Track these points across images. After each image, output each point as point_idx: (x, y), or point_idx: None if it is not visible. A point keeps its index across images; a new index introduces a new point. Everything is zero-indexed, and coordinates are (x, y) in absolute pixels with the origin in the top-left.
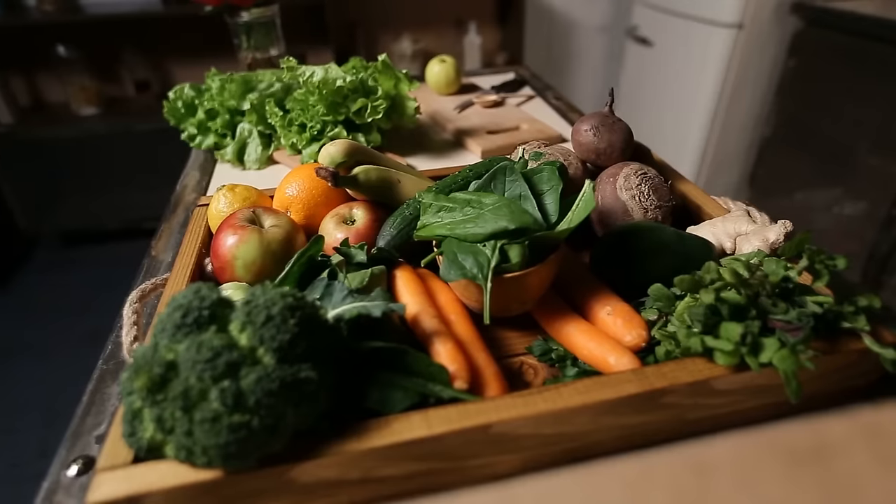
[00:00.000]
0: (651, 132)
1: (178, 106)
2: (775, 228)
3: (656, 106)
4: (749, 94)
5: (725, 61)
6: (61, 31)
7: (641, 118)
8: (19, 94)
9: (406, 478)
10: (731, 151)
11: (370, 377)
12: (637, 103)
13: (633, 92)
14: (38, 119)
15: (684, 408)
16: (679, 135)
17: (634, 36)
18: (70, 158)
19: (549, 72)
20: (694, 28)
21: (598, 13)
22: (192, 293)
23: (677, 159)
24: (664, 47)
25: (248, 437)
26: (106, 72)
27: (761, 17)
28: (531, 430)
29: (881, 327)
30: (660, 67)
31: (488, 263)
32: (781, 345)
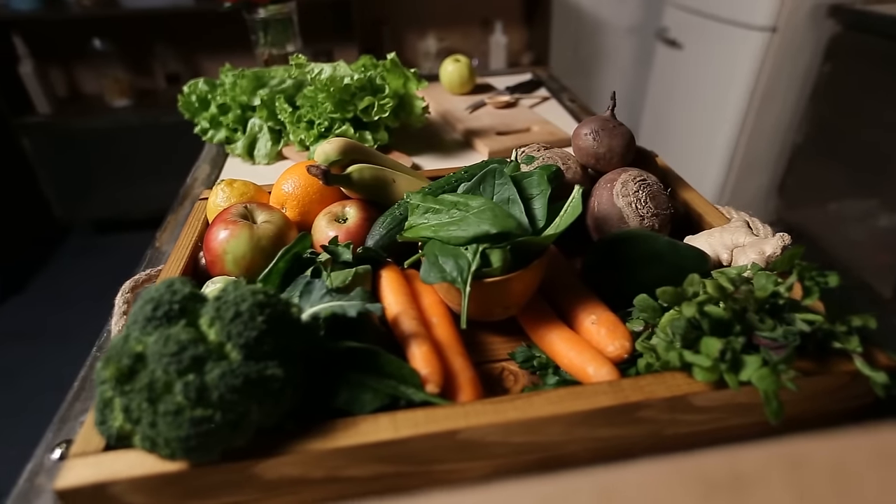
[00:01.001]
0: (678, 136)
1: (192, 100)
2: (772, 241)
3: (685, 110)
4: (781, 99)
5: (757, 65)
6: (98, 25)
7: (669, 122)
8: (57, 85)
9: (372, 479)
10: (760, 158)
11: (341, 377)
12: (665, 107)
13: (661, 95)
14: (74, 110)
15: (661, 423)
16: (707, 140)
17: (664, 38)
18: (102, 149)
19: (575, 73)
20: (725, 31)
21: (627, 14)
22: (164, 287)
23: (704, 164)
24: (694, 50)
25: (209, 431)
26: (139, 65)
27: (796, 20)
28: (500, 438)
29: (877, 349)
30: (689, 71)
31: (468, 267)
32: (764, 363)
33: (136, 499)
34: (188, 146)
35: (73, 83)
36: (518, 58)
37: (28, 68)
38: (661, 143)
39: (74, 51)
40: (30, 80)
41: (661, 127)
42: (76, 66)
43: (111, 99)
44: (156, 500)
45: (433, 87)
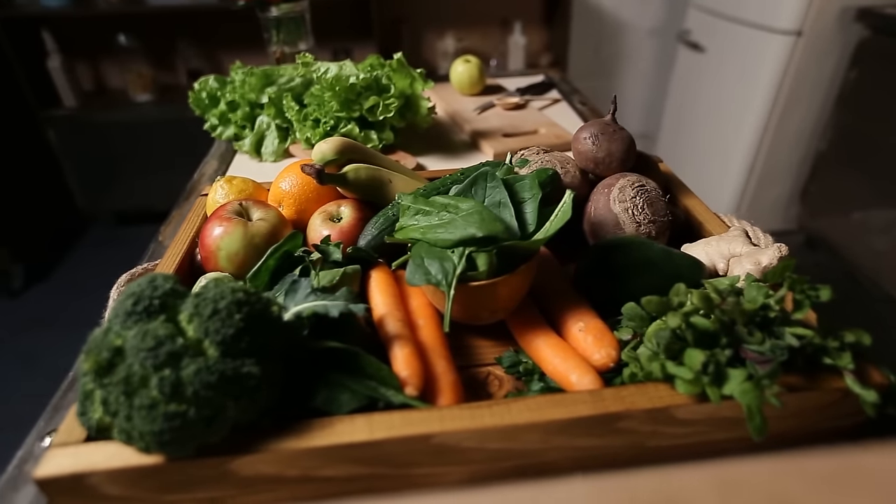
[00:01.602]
0: (699, 140)
1: (202, 97)
2: (768, 252)
3: (706, 114)
4: (805, 105)
5: (781, 70)
6: (123, 21)
7: (690, 126)
8: (84, 79)
9: (347, 480)
10: (782, 165)
11: (321, 377)
12: (686, 110)
13: (682, 98)
14: (99, 103)
15: (643, 434)
16: (728, 145)
17: (686, 41)
18: (125, 142)
19: (595, 75)
20: (749, 34)
21: (649, 16)
22: (146, 282)
23: (724, 170)
24: (717, 53)
25: (183, 426)
26: (161, 60)
27: (823, 24)
28: (476, 443)
29: (871, 366)
30: (711, 74)
31: (453, 270)
32: (749, 377)
33: (113, 490)
34: (208, 141)
35: (99, 78)
36: (537, 59)
37: (56, 63)
38: (681, 147)
39: (100, 46)
40: (57, 75)
41: (681, 131)
42: (102, 61)
43: (134, 93)
44: (132, 492)
45: (443, 88)
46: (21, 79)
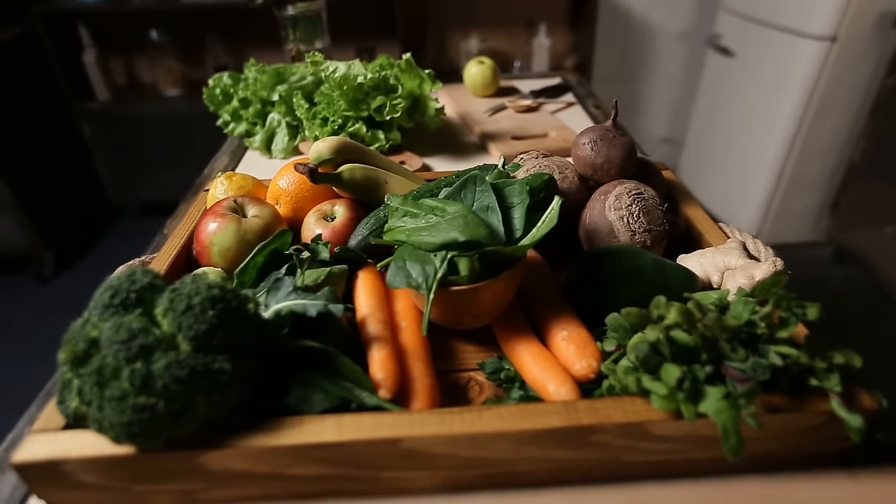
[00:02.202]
0: (726, 147)
1: (216, 93)
2: (763, 267)
3: (734, 120)
4: (838, 112)
5: (814, 76)
6: (155, 17)
7: (717, 132)
8: (117, 74)
9: (317, 479)
10: (813, 174)
11: (296, 375)
12: (714, 116)
13: (710, 104)
14: (131, 97)
15: (618, 449)
16: (756, 152)
17: (716, 45)
18: (154, 135)
19: (620, 78)
20: (782, 39)
21: (678, 19)
22: (125, 275)
23: (751, 178)
24: (747, 58)
25: (152, 419)
26: (191, 56)
27: (859, 29)
28: (446, 450)
29: (861, 389)
30: (741, 80)
31: (434, 274)
32: (726, 395)
33: (87, 478)
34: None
35: (132, 72)
36: (561, 61)
37: (91, 57)
38: (707, 154)
39: (133, 41)
40: (92, 69)
41: (708, 137)
42: (135, 56)
43: (164, 88)
44: (106, 481)
45: (457, 89)
46: (58, 72)
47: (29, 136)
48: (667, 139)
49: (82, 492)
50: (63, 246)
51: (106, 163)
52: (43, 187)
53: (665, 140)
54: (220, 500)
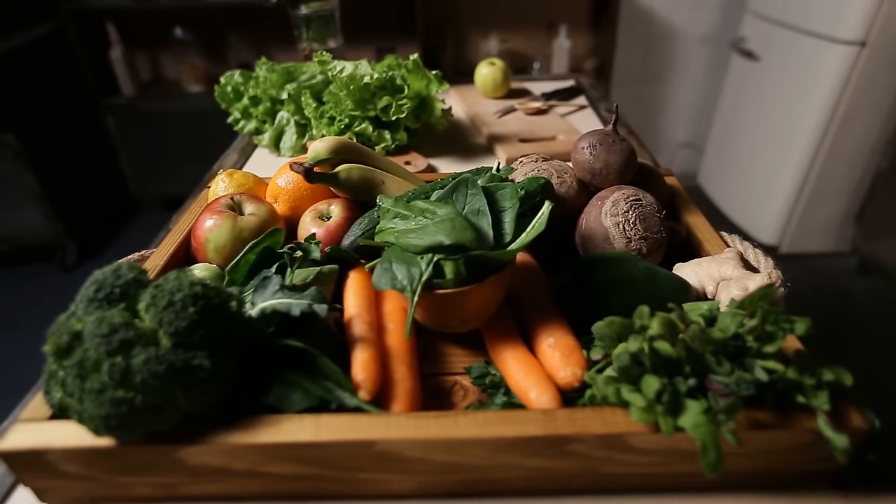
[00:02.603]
0: (748, 153)
1: (227, 91)
2: (757, 278)
3: (757, 125)
4: (866, 120)
5: (841, 82)
6: (180, 14)
7: (740, 137)
8: (142, 70)
9: (294, 478)
10: (838, 183)
11: (277, 374)
12: (736, 121)
13: (733, 109)
14: (155, 93)
15: (597, 460)
16: (778, 159)
17: (740, 49)
18: (176, 131)
19: (642, 81)
20: (808, 44)
21: (703, 22)
22: (111, 270)
23: (773, 185)
24: (772, 63)
25: (130, 412)
26: (214, 53)
27: (889, 34)
28: (421, 454)
29: (852, 408)
30: (765, 84)
31: (419, 277)
32: (707, 410)
33: (70, 468)
34: None
35: (156, 68)
36: (581, 63)
37: (118, 53)
38: (729, 160)
39: (159, 38)
40: (118, 65)
41: (730, 142)
42: (160, 53)
43: (187, 84)
44: (88, 471)
45: (468, 90)
46: (85, 68)
47: (56, 130)
48: (688, 144)
49: (65, 481)
50: (86, 236)
51: (129, 156)
52: (68, 179)
53: (686, 145)
54: (199, 494)
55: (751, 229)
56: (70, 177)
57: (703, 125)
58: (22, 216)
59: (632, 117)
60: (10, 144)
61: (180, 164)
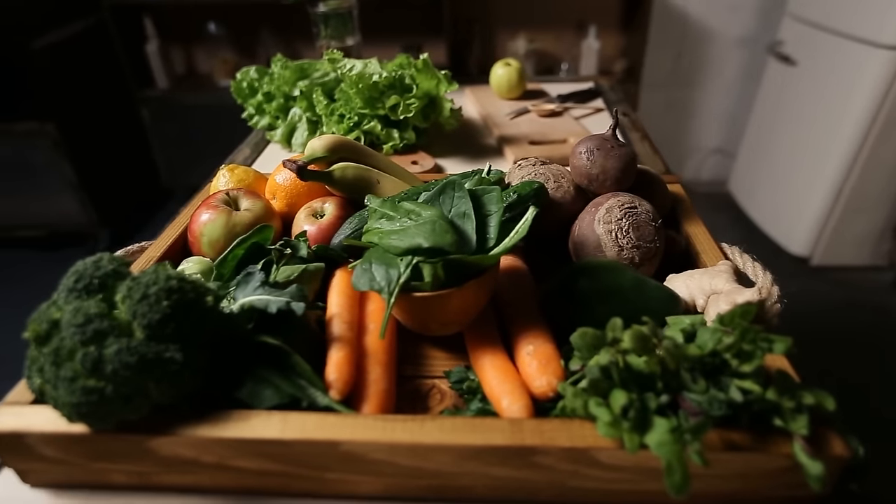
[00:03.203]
0: (782, 160)
1: (242, 86)
2: (747, 293)
3: (792, 132)
4: None
5: (883, 89)
6: (214, 10)
7: (774, 144)
8: (177, 63)
9: (262, 474)
10: (875, 194)
11: (251, 370)
12: (771, 127)
13: (768, 114)
14: (187, 86)
15: (563, 473)
16: (813, 167)
17: (777, 52)
18: (207, 123)
19: (673, 84)
20: (849, 48)
21: (739, 24)
22: (91, 261)
23: (807, 194)
24: (810, 67)
25: (100, 401)
26: (245, 48)
27: None
28: (386, 457)
29: (834, 434)
30: (802, 90)
31: (397, 279)
32: (675, 429)
33: (48, 452)
34: None
35: (190, 62)
36: (611, 64)
37: (154, 47)
38: (761, 167)
39: (193, 33)
40: (154, 58)
41: (764, 149)
42: (194, 47)
43: (218, 78)
44: (65, 456)
45: (483, 90)
46: (123, 61)
47: (94, 121)
48: (719, 150)
49: (44, 464)
50: (117, 225)
51: (161, 148)
52: (103, 169)
53: (717, 150)
54: (172, 484)
55: (781, 239)
56: (105, 166)
57: (735, 131)
58: (58, 203)
59: (661, 121)
60: (49, 134)
61: (209, 156)
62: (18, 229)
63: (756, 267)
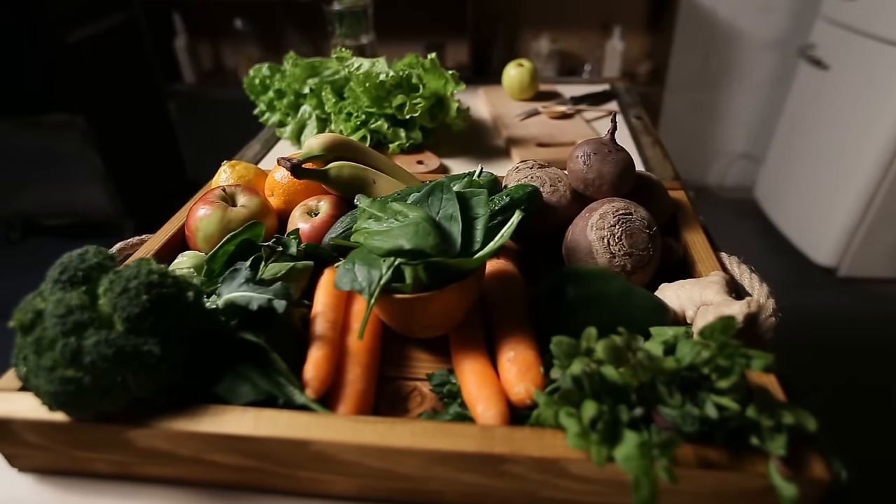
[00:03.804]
0: (810, 168)
1: (255, 83)
2: (735, 306)
3: (822, 138)
4: None
5: None
6: (241, 6)
7: (802, 150)
8: (204, 59)
9: (237, 469)
10: None
11: (230, 365)
12: (800, 133)
13: (797, 120)
14: (214, 81)
15: (534, 483)
16: (843, 175)
17: (808, 56)
18: (231, 118)
19: (700, 86)
20: (884, 53)
21: (770, 26)
22: (77, 254)
23: (834, 203)
24: (843, 72)
25: (78, 391)
26: (270, 45)
27: None
28: (356, 458)
29: (815, 456)
30: (834, 95)
31: (378, 280)
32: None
33: (32, 438)
34: None
35: (217, 58)
36: (635, 66)
37: (182, 42)
38: (788, 173)
39: (220, 29)
40: (182, 53)
41: (792, 155)
42: (221, 43)
43: (243, 74)
44: (48, 443)
45: (496, 90)
46: (152, 56)
47: (123, 113)
48: (745, 154)
49: (29, 450)
50: (142, 216)
51: (187, 141)
52: (131, 160)
53: (743, 155)
54: (152, 475)
55: (807, 249)
56: (132, 158)
57: (763, 136)
58: (86, 193)
59: (686, 124)
60: (79, 125)
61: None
62: (47, 217)
63: (753, 278)
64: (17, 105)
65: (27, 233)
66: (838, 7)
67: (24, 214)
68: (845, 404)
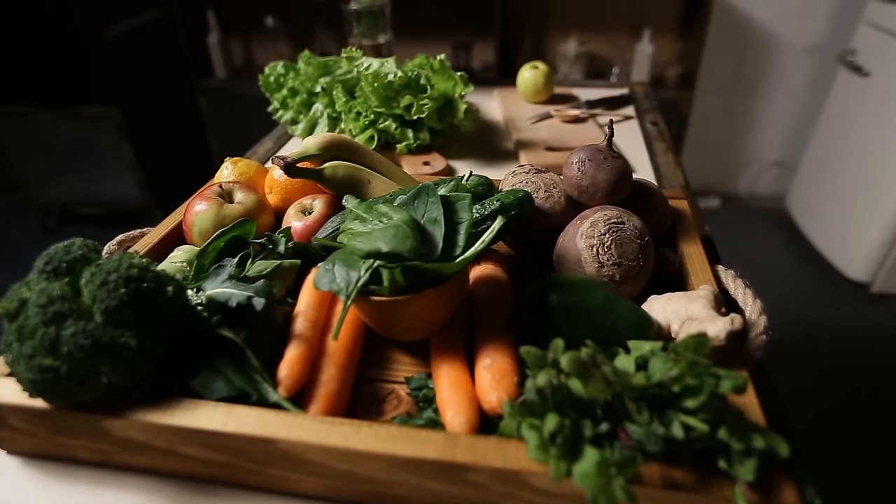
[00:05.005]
0: (845, 178)
1: (270, 81)
2: (718, 323)
3: (860, 148)
4: None
5: None
6: (272, 4)
7: (839, 159)
8: (236, 55)
9: (209, 463)
10: None
11: (207, 360)
12: (837, 141)
13: (835, 128)
14: (244, 77)
15: (496, 494)
16: (880, 186)
17: (848, 62)
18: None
19: (732, 92)
20: None
21: (808, 31)
22: (63, 246)
23: (869, 215)
24: (884, 79)
25: (55, 380)
26: (299, 43)
27: None
28: (321, 459)
29: (788, 483)
30: (874, 103)
31: (356, 281)
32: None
33: (16, 423)
34: None
35: (248, 54)
36: (665, 70)
37: (215, 39)
38: (823, 183)
39: (252, 26)
40: (214, 49)
41: (827, 164)
42: (252, 40)
43: None
44: (31, 428)
45: (510, 92)
46: (185, 51)
47: (154, 107)
48: (778, 163)
49: (15, 433)
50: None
51: (216, 135)
52: (161, 153)
53: (776, 164)
54: (130, 464)
55: (839, 262)
56: (163, 151)
57: (798, 144)
58: (118, 183)
59: (717, 130)
60: (114, 118)
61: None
62: (82, 206)
63: (747, 294)
64: (60, 97)
65: (64, 220)
66: (882, 11)
67: (62, 203)
68: (868, 419)
